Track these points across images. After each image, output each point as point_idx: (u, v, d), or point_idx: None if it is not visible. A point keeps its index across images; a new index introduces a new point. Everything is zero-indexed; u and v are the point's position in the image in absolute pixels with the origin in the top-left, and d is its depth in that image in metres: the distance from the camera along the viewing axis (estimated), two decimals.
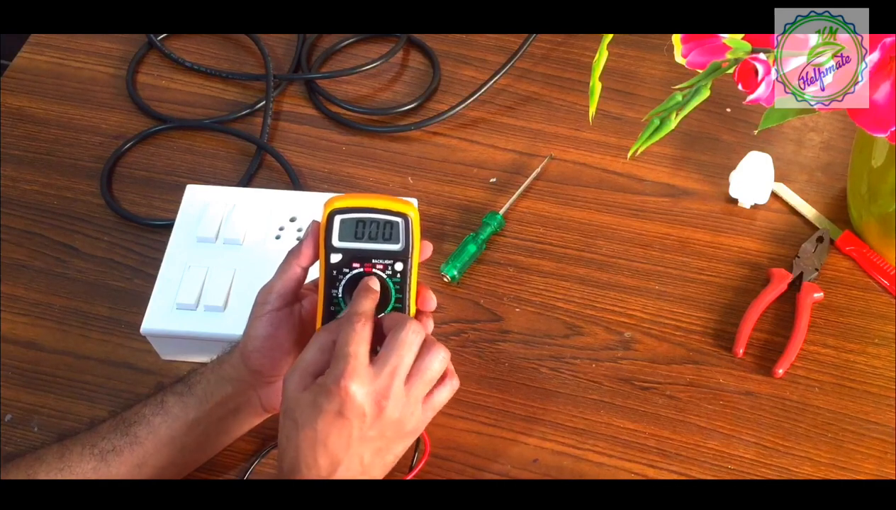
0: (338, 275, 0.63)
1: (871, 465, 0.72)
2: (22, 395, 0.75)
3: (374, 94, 0.96)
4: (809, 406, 0.75)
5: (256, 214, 0.80)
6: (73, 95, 0.96)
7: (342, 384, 0.58)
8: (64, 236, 0.85)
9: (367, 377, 0.59)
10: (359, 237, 0.63)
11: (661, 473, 0.72)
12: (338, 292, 0.63)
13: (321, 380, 0.59)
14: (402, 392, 0.60)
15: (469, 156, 0.91)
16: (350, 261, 0.63)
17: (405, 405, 0.60)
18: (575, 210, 0.86)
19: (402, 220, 0.63)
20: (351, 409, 0.58)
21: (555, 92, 0.95)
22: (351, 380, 0.58)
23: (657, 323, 0.79)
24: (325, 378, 0.59)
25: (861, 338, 0.78)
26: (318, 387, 0.59)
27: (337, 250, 0.63)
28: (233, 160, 0.91)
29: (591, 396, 0.75)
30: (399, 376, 0.60)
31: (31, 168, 0.90)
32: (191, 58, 0.98)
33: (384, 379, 0.59)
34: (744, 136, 0.90)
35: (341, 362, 0.58)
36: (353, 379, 0.58)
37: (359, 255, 0.63)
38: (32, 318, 0.80)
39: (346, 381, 0.58)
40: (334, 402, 0.58)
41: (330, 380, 0.58)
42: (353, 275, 0.63)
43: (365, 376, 0.59)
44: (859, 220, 0.83)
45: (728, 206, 0.86)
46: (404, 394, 0.60)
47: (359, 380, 0.58)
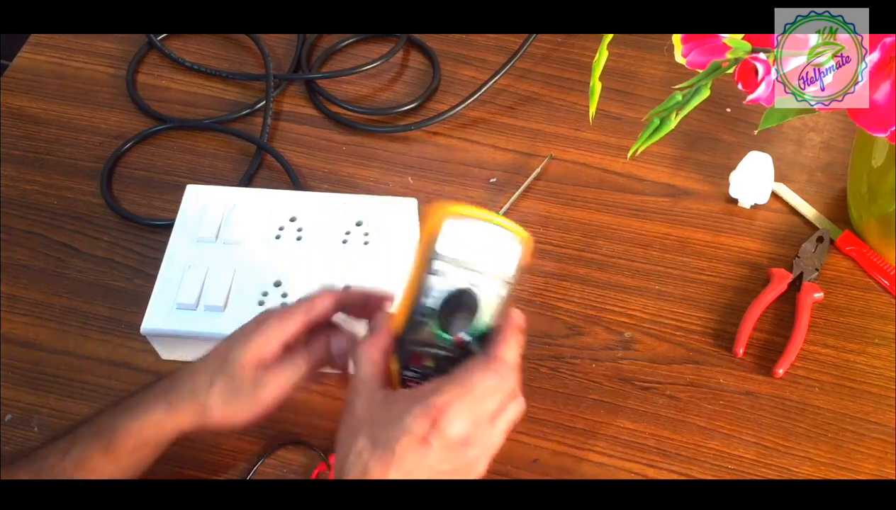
0: (435, 283, 0.57)
1: (871, 465, 0.72)
2: (22, 395, 0.75)
3: (374, 94, 0.96)
4: (809, 406, 0.75)
5: (256, 214, 0.80)
6: (74, 95, 0.96)
7: (438, 406, 0.53)
8: (64, 236, 0.85)
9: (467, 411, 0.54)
10: (468, 250, 0.57)
11: (661, 473, 0.72)
12: (431, 302, 0.57)
13: (416, 394, 0.55)
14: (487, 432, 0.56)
15: (469, 156, 0.91)
16: (452, 272, 0.57)
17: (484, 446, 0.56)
18: (575, 210, 0.86)
19: (517, 242, 0.59)
20: (438, 437, 0.53)
21: (555, 92, 0.95)
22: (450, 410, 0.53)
23: (657, 323, 0.79)
24: (424, 394, 0.54)
25: (861, 338, 0.78)
26: (407, 397, 0.55)
27: (440, 258, 0.57)
28: (233, 160, 0.91)
29: (591, 396, 0.75)
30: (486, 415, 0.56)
31: (32, 168, 0.90)
32: (191, 58, 0.98)
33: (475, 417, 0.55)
34: (744, 136, 0.90)
35: (450, 389, 0.54)
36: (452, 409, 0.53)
37: (463, 268, 0.57)
38: (32, 318, 0.80)
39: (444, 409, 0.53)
40: (422, 425, 0.53)
41: (425, 399, 0.54)
42: (453, 289, 0.57)
43: (467, 410, 0.54)
44: (859, 220, 0.83)
45: (728, 206, 0.86)
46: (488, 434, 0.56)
47: (459, 413, 0.53)
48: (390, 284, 0.76)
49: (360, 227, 0.79)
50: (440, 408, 0.53)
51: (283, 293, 0.75)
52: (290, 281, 0.76)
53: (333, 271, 0.76)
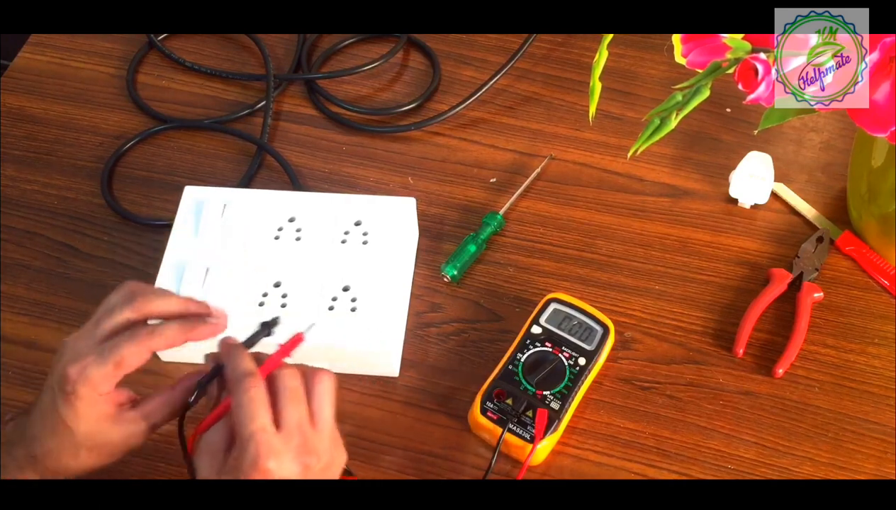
0: (530, 344, 0.74)
1: (871, 465, 0.72)
2: (22, 395, 0.75)
3: (374, 94, 0.96)
4: (809, 406, 0.75)
5: (255, 215, 0.80)
6: (74, 95, 0.96)
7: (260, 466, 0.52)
8: (64, 236, 0.85)
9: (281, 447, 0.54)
10: (562, 326, 0.75)
11: (661, 473, 0.72)
12: (522, 357, 0.73)
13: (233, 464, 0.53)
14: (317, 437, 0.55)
15: (469, 156, 0.91)
16: (546, 339, 0.74)
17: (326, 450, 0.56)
18: (575, 210, 0.86)
19: (603, 328, 0.75)
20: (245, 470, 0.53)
21: (555, 92, 0.95)
22: (268, 460, 0.53)
23: (657, 323, 0.79)
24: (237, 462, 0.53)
25: (861, 338, 0.78)
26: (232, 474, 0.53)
27: (540, 326, 0.75)
28: (233, 160, 0.91)
29: (591, 396, 0.75)
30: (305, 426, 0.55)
31: (32, 168, 0.90)
32: (191, 58, 0.98)
33: (295, 437, 0.54)
34: (744, 136, 0.90)
35: (250, 444, 0.53)
36: (270, 457, 0.53)
37: (554, 338, 0.74)
38: (33, 318, 0.80)
39: (263, 462, 0.52)
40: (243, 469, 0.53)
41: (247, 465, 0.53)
42: (541, 351, 0.73)
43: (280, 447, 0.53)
44: (859, 220, 0.83)
45: (728, 206, 0.86)
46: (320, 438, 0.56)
47: (274, 455, 0.53)
48: (390, 284, 0.76)
49: (358, 227, 0.79)
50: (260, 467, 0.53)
51: (283, 293, 0.75)
52: (290, 281, 0.76)
53: (332, 271, 0.76)
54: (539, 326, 0.75)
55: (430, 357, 0.78)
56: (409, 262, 0.81)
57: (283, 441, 0.54)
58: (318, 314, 0.74)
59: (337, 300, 0.75)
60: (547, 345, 0.74)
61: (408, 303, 0.80)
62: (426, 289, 0.81)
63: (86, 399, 0.57)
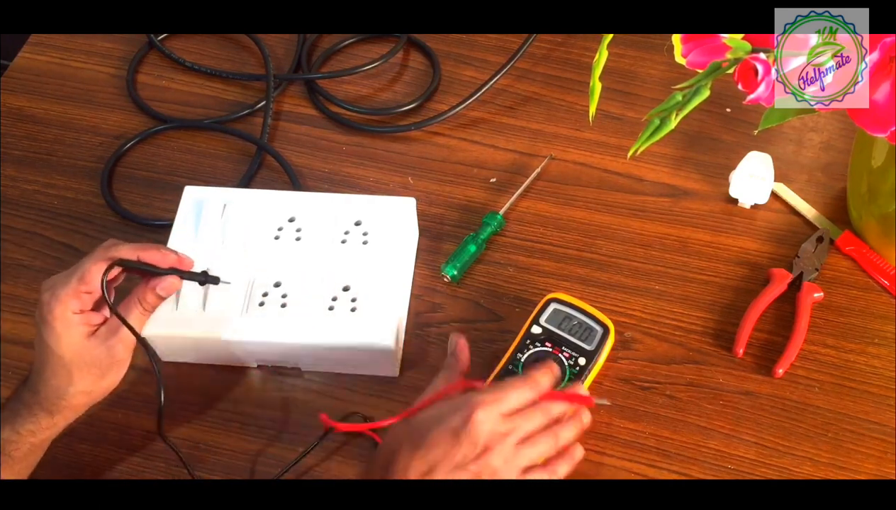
0: (530, 344, 0.74)
1: (871, 465, 0.72)
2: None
3: (374, 94, 0.96)
4: (809, 406, 0.75)
5: (255, 215, 0.80)
6: (74, 95, 0.96)
7: (472, 404, 0.59)
8: (64, 236, 0.85)
9: (497, 418, 0.59)
10: (562, 326, 0.75)
11: (661, 473, 0.72)
12: (522, 357, 0.74)
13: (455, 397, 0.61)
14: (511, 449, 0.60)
15: (469, 156, 0.91)
16: (546, 339, 0.74)
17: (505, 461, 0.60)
18: (575, 210, 0.86)
19: (603, 328, 0.75)
20: (467, 434, 0.58)
21: (555, 92, 0.95)
22: (481, 409, 0.59)
23: (657, 323, 0.79)
24: (460, 397, 0.61)
25: (861, 338, 0.78)
26: (448, 401, 0.61)
27: (540, 326, 0.75)
28: (233, 160, 0.91)
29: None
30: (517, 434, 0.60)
31: (32, 168, 0.90)
32: (191, 58, 0.98)
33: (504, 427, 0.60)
34: (744, 136, 0.90)
35: (487, 393, 0.60)
36: (483, 409, 0.59)
37: (554, 338, 0.74)
38: (32, 318, 0.79)
39: (477, 407, 0.59)
40: (456, 419, 0.59)
41: (462, 400, 0.60)
42: (541, 351, 0.74)
43: (497, 416, 0.59)
44: (859, 220, 0.83)
45: (728, 206, 0.86)
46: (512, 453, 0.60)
47: (488, 415, 0.59)
48: (390, 284, 0.76)
49: (358, 227, 0.79)
50: (474, 405, 0.59)
51: (283, 293, 0.75)
52: (290, 281, 0.76)
53: (332, 271, 0.76)
54: (539, 326, 0.75)
55: (430, 357, 0.78)
56: (409, 262, 0.81)
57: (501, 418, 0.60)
58: (318, 314, 0.74)
59: (337, 300, 0.75)
60: (547, 346, 0.74)
61: (408, 303, 0.80)
62: (426, 289, 0.82)
63: (61, 318, 0.64)
